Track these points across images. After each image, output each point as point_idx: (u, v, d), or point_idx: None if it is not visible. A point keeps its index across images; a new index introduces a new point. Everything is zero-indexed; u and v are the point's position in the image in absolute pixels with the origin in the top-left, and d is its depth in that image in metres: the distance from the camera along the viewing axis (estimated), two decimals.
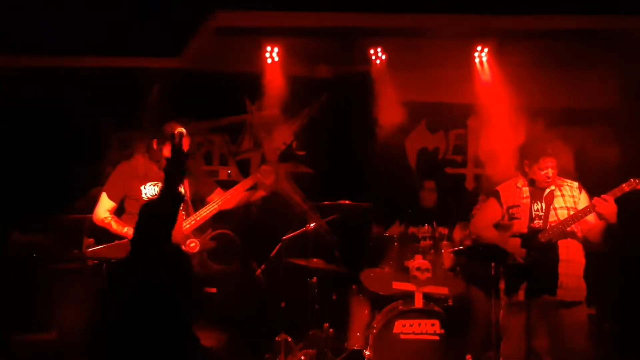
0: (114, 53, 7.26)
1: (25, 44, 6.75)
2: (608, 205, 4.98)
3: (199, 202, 5.78)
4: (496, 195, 5.48)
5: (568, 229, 5.15)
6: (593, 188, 5.34)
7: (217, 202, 5.75)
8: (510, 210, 5.37)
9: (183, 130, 5.11)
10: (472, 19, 7.09)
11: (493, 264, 5.85)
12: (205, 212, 5.69)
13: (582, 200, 5.27)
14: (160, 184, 5.41)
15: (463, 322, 6.55)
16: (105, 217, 5.56)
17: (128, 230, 5.35)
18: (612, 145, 7.73)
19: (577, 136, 7.77)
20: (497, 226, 5.44)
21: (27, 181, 7.20)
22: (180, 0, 6.54)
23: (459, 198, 7.81)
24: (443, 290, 6.40)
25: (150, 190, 5.55)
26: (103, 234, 5.75)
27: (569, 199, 5.28)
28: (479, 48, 7.64)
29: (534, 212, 5.26)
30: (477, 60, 7.69)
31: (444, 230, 6.88)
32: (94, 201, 7.44)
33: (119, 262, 4.52)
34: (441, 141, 8.36)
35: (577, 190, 5.33)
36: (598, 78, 7.52)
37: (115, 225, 5.54)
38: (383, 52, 7.78)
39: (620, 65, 7.29)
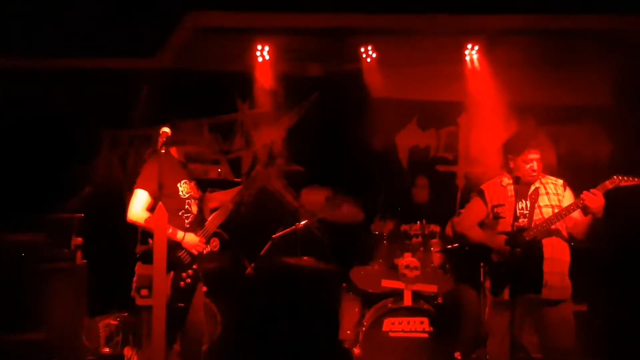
0: (99, 54, 7.25)
1: (10, 46, 6.73)
2: (596, 199, 4.96)
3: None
4: (481, 194, 5.45)
5: (552, 226, 5.13)
6: (584, 185, 5.30)
7: (225, 208, 5.50)
8: (495, 209, 5.34)
9: (167, 130, 5.01)
10: (462, 19, 7.08)
11: (482, 264, 5.89)
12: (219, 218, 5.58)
13: (567, 197, 5.25)
14: (190, 183, 5.33)
15: (452, 320, 6.50)
16: (148, 217, 5.10)
17: (175, 233, 5.13)
18: (603, 143, 7.76)
19: (568, 133, 7.79)
20: (482, 225, 5.43)
21: (17, 181, 7.20)
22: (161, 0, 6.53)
23: (450, 195, 7.82)
24: (432, 288, 6.41)
25: (185, 188, 5.30)
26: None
27: (553, 197, 5.25)
28: (469, 46, 7.67)
29: (518, 211, 5.22)
30: (467, 58, 7.72)
31: (434, 228, 6.87)
32: (87, 200, 7.53)
33: None
34: (432, 139, 8.35)
35: (562, 188, 5.30)
36: (589, 76, 7.54)
37: None
38: (374, 50, 7.80)
39: (611, 62, 7.30)
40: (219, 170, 8.13)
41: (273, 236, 6.79)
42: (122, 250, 6.98)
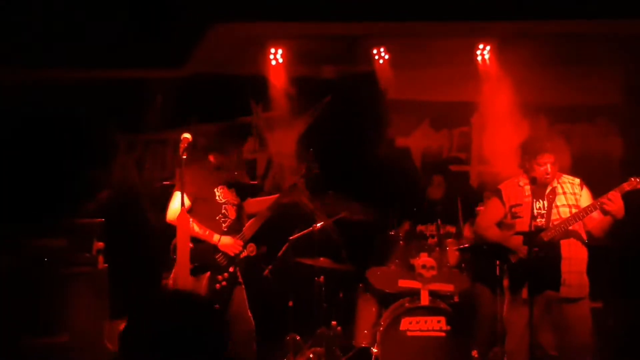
0: (121, 65, 7.33)
1: (30, 57, 6.82)
2: (614, 203, 5.02)
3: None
4: (498, 194, 5.52)
5: (570, 227, 5.19)
6: (597, 183, 5.37)
7: (261, 214, 5.68)
8: (513, 209, 5.40)
9: (188, 135, 5.12)
10: (474, 25, 7.14)
11: (497, 262, 5.95)
12: (255, 225, 5.67)
13: (584, 197, 5.31)
14: (227, 188, 5.48)
15: (469, 319, 6.57)
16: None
17: (211, 235, 5.33)
18: (615, 141, 7.81)
19: (580, 133, 7.84)
20: (500, 225, 5.49)
21: (37, 187, 7.27)
22: (184, 13, 6.59)
23: (464, 195, 7.87)
24: (448, 287, 6.46)
25: (221, 193, 5.50)
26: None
27: (570, 196, 5.31)
28: (481, 46, 7.72)
29: (535, 210, 5.28)
30: (479, 58, 7.77)
31: (450, 228, 6.94)
32: (104, 204, 7.59)
33: None
34: (445, 139, 8.40)
35: (579, 187, 5.35)
36: (600, 75, 7.59)
37: (197, 228, 5.36)
38: (386, 51, 7.86)
39: (622, 62, 7.36)
40: (235, 172, 8.20)
41: (290, 238, 6.86)
42: (138, 253, 7.14)
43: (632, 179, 5.03)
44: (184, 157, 5.02)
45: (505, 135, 7.69)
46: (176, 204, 5.31)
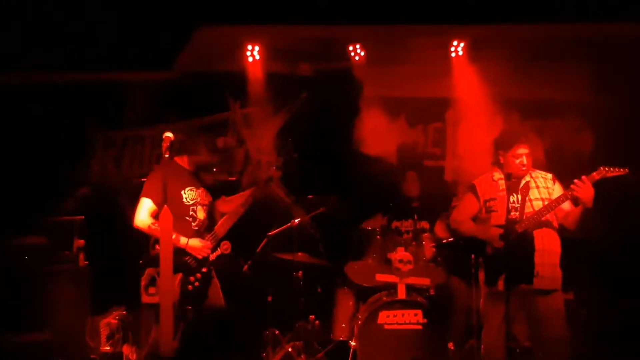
0: (103, 69, 7.36)
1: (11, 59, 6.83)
2: (586, 188, 5.13)
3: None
4: (473, 189, 5.64)
5: (543, 218, 5.33)
6: (568, 179, 5.48)
7: (235, 212, 5.69)
8: (488, 204, 5.52)
9: (170, 135, 5.15)
10: (447, 28, 7.29)
11: (473, 256, 6.08)
12: (228, 222, 5.69)
13: (556, 191, 5.44)
14: (195, 189, 5.50)
15: (445, 312, 6.69)
16: (152, 223, 5.36)
17: (178, 239, 5.31)
18: (586, 137, 7.96)
19: (552, 128, 7.97)
20: (476, 219, 5.61)
21: (17, 185, 7.27)
22: (170, 17, 6.63)
23: (438, 190, 7.97)
24: (425, 281, 6.57)
25: (190, 195, 5.51)
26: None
27: (543, 190, 5.45)
28: (455, 43, 7.80)
29: (510, 204, 5.41)
30: (453, 55, 7.85)
31: (425, 224, 7.05)
32: (82, 201, 7.59)
33: None
34: (420, 135, 8.49)
35: (551, 182, 5.50)
36: (572, 71, 7.69)
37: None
38: (362, 48, 7.92)
39: (591, 60, 7.49)
40: (214, 169, 8.23)
41: (268, 234, 6.93)
42: (118, 250, 7.16)
43: (602, 167, 5.18)
44: (167, 156, 5.07)
45: (479, 130, 7.83)
46: (143, 212, 5.39)
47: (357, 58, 7.97)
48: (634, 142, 7.25)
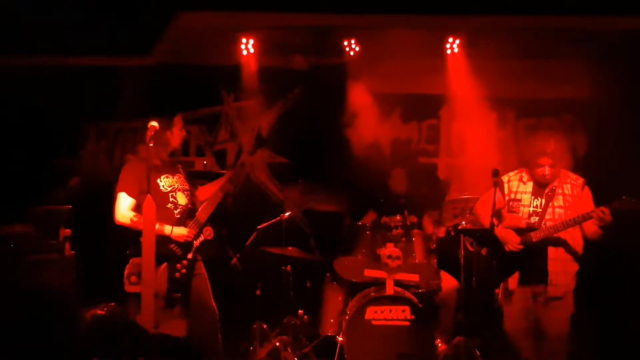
0: (88, 53, 7.33)
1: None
2: (605, 218, 5.05)
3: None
4: (500, 185, 5.52)
5: (559, 234, 5.28)
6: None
7: (214, 196, 5.66)
8: (511, 203, 5.49)
9: (155, 123, 5.14)
10: (442, 19, 7.23)
11: (462, 253, 6.06)
12: (209, 208, 5.64)
13: (584, 198, 5.37)
14: (173, 177, 5.49)
15: (433, 308, 6.68)
16: (133, 216, 5.35)
17: (162, 228, 5.28)
18: (580, 135, 7.93)
19: (547, 127, 7.94)
20: (497, 215, 5.56)
21: (7, 174, 7.25)
22: (152, 1, 6.61)
23: (431, 187, 7.95)
24: (414, 277, 6.51)
25: (166, 182, 5.47)
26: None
27: (568, 198, 5.37)
28: (450, 40, 7.79)
29: (532, 208, 5.40)
30: (448, 51, 7.84)
31: (414, 219, 7.00)
32: (73, 192, 7.57)
33: None
34: (414, 131, 8.48)
35: (580, 188, 5.41)
36: (567, 70, 7.68)
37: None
38: (357, 43, 7.90)
39: (588, 57, 7.45)
40: (205, 162, 8.23)
41: (258, 227, 6.91)
42: (108, 241, 7.13)
43: (624, 197, 5.08)
44: (151, 144, 5.05)
45: (473, 127, 7.81)
46: (122, 207, 5.40)
47: (351, 53, 7.96)
48: (628, 141, 7.22)
